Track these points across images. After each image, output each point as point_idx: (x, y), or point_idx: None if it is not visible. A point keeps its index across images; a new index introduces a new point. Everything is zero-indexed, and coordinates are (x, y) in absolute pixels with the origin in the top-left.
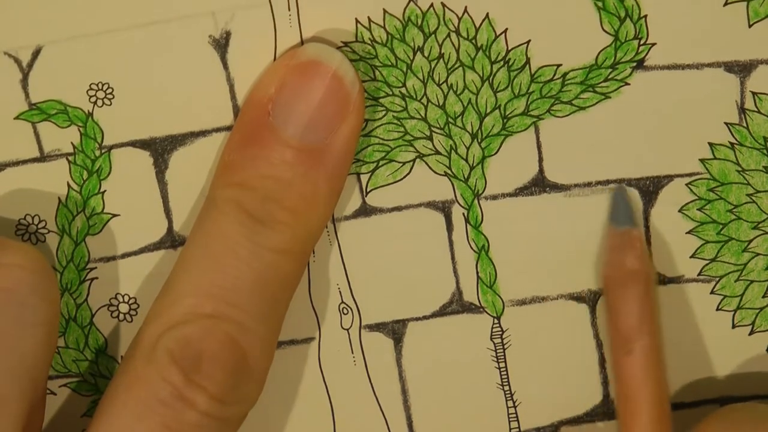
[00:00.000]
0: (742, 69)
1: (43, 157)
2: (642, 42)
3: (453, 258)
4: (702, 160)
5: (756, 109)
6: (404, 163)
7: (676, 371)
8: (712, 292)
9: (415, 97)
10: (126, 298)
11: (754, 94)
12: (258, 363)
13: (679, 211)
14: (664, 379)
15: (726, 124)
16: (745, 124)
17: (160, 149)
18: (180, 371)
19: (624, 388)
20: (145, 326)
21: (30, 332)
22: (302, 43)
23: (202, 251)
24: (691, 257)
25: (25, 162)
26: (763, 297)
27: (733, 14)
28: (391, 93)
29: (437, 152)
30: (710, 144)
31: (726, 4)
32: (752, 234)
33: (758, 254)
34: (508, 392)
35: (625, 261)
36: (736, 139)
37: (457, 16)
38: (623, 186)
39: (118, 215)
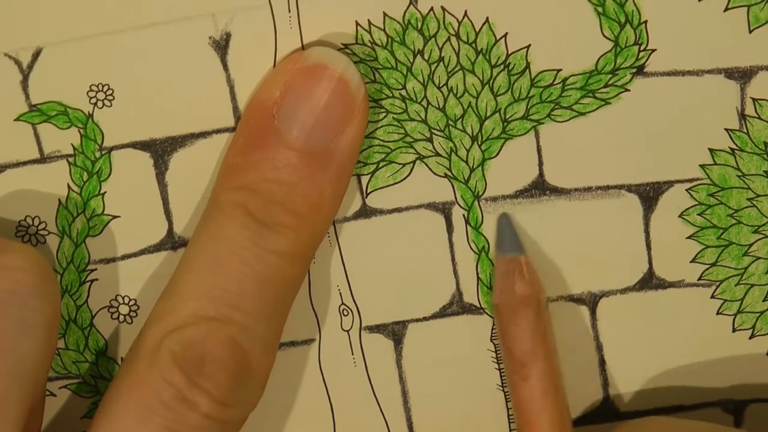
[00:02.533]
0: (743, 75)
1: (43, 159)
2: (642, 48)
3: (453, 259)
4: (702, 166)
5: (756, 115)
6: (404, 165)
7: (677, 375)
8: (712, 297)
9: (415, 99)
10: (126, 300)
11: (754, 100)
12: (260, 366)
13: (680, 216)
14: (563, 402)
15: (726, 130)
16: (745, 130)
17: (161, 151)
18: (183, 373)
19: (524, 414)
20: (147, 328)
21: (30, 334)
22: (302, 44)
23: (206, 254)
24: (691, 262)
25: (25, 163)
26: (764, 301)
27: (734, 20)
28: (391, 95)
29: (437, 154)
30: (710, 150)
31: (726, 9)
32: (753, 238)
33: (759, 258)
34: (509, 393)
35: (514, 287)
36: (736, 145)
37: (457, 20)
38: (506, 214)
39: (119, 217)
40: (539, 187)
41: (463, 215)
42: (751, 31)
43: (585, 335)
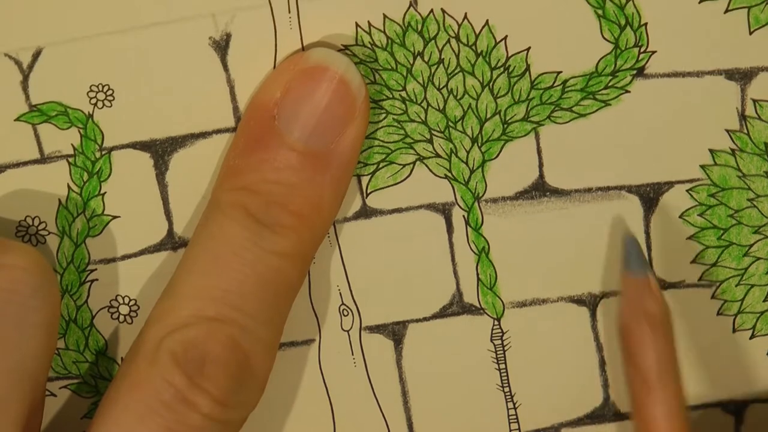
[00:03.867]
0: (743, 76)
1: (43, 159)
2: (642, 50)
3: (453, 260)
4: (702, 166)
5: (757, 116)
6: (404, 166)
7: None
8: (712, 297)
9: (415, 100)
10: (126, 300)
11: (754, 101)
12: (260, 366)
13: (680, 217)
14: (689, 425)
15: (727, 131)
16: (746, 131)
17: (161, 151)
18: (183, 374)
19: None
20: (148, 328)
21: (30, 333)
22: (303, 45)
23: (206, 254)
24: (691, 262)
25: (25, 164)
26: (764, 301)
27: (734, 21)
28: (391, 96)
29: (437, 155)
30: (711, 150)
31: (727, 11)
32: (753, 238)
33: (759, 258)
34: (509, 394)
35: (645, 307)
36: (736, 146)
37: (457, 22)
38: (633, 236)
39: (119, 217)
40: (539, 189)
41: (463, 216)
42: (751, 33)
43: (585, 336)
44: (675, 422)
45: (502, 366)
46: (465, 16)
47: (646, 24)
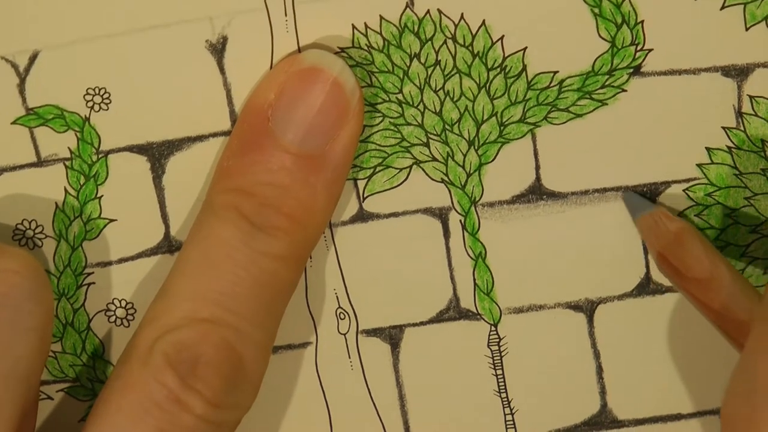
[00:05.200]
0: (740, 73)
1: (40, 162)
2: (639, 48)
3: (450, 265)
4: (699, 165)
5: (753, 113)
6: (401, 170)
7: (675, 382)
8: None
9: (411, 103)
10: (123, 303)
11: (751, 97)
12: (254, 368)
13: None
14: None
15: (723, 128)
16: (742, 128)
17: (157, 154)
18: (176, 375)
19: (732, 319)
20: (141, 330)
21: (23, 337)
22: (299, 48)
23: (200, 256)
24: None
25: (22, 167)
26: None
27: (730, 18)
28: (388, 99)
29: (434, 159)
30: (708, 149)
31: (723, 8)
32: (750, 238)
33: (756, 258)
34: (506, 399)
35: (668, 228)
36: (733, 143)
37: (454, 23)
38: (628, 191)
39: (115, 220)
40: (536, 192)
41: (460, 221)
42: (747, 29)
43: (583, 343)
44: (746, 298)
45: (499, 372)
46: (462, 17)
47: (642, 22)
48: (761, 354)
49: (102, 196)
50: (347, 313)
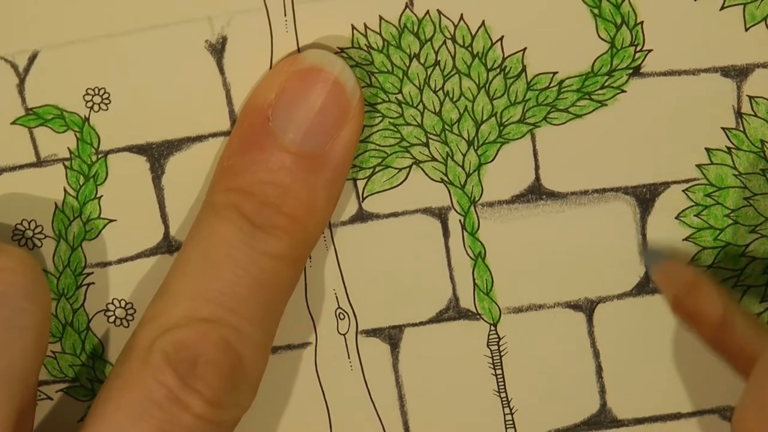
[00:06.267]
0: (739, 73)
1: (39, 162)
2: (638, 48)
3: (449, 264)
4: (699, 166)
5: (753, 113)
6: (401, 170)
7: (674, 382)
8: None
9: (411, 103)
10: (122, 303)
11: (750, 98)
12: (253, 368)
13: (676, 218)
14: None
15: (723, 128)
16: (742, 129)
17: (157, 154)
18: (175, 374)
19: (745, 357)
20: (141, 329)
21: (20, 336)
22: (298, 48)
23: (200, 255)
24: (688, 264)
25: (21, 167)
26: (761, 302)
27: (730, 18)
28: (387, 99)
29: (434, 159)
30: (707, 149)
31: (722, 8)
32: (750, 238)
33: (755, 258)
34: (505, 399)
35: (682, 275)
36: (733, 143)
37: (453, 23)
38: (645, 248)
39: (115, 220)
40: (536, 192)
41: (460, 221)
42: (747, 29)
43: (582, 342)
44: (761, 337)
45: (499, 371)
46: (461, 17)
47: (642, 22)
48: None
49: (101, 196)
50: (347, 313)
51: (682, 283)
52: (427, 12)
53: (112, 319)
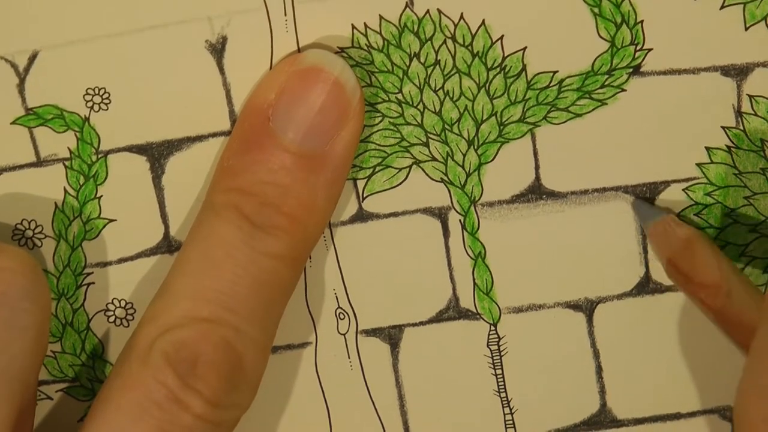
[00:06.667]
0: (739, 72)
1: (39, 162)
2: (638, 47)
3: (449, 264)
4: (699, 165)
5: (753, 112)
6: (401, 169)
7: (674, 382)
8: None
9: (411, 103)
10: (122, 303)
11: (750, 97)
12: (253, 368)
13: (676, 217)
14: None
15: (723, 127)
16: (742, 127)
17: (157, 154)
18: (175, 374)
19: (742, 327)
20: (141, 328)
21: (20, 335)
22: (299, 47)
23: (200, 255)
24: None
25: (21, 167)
26: None
27: (730, 17)
28: (387, 99)
29: (434, 158)
30: (707, 148)
31: (722, 7)
32: (750, 237)
33: (755, 258)
34: (505, 399)
35: (677, 234)
36: (733, 143)
37: (453, 22)
38: (637, 198)
39: (115, 220)
40: (536, 191)
41: (460, 220)
42: (746, 29)
43: (582, 342)
44: (759, 305)
45: (499, 371)
46: (461, 17)
47: (642, 21)
48: None
49: (101, 196)
50: (347, 313)
51: (676, 244)
52: (427, 11)
53: (112, 319)
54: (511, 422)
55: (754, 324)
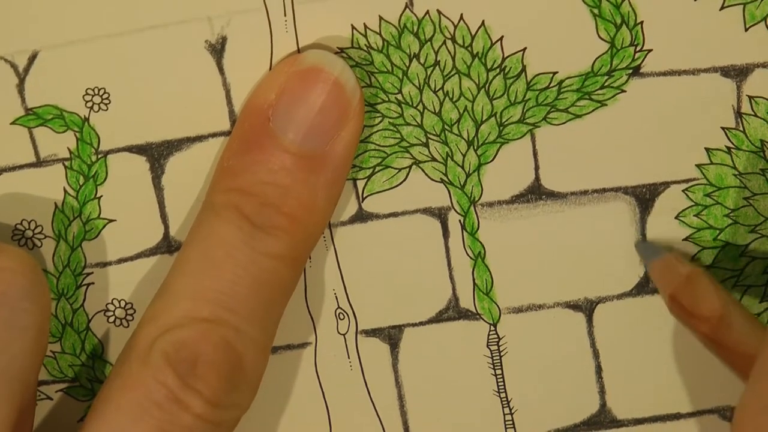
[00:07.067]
0: (739, 73)
1: (39, 163)
2: (638, 48)
3: (449, 265)
4: (698, 166)
5: (753, 113)
6: (400, 170)
7: (674, 382)
8: None
9: (411, 103)
10: (122, 303)
11: (750, 97)
12: (253, 368)
13: (676, 217)
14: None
15: (723, 128)
16: (741, 128)
17: (157, 154)
18: (175, 374)
19: (743, 356)
20: (141, 328)
21: (20, 335)
22: (298, 48)
23: (200, 255)
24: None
25: (21, 167)
26: (760, 302)
27: (730, 18)
28: (387, 99)
29: (433, 159)
30: (707, 149)
31: (722, 8)
32: (749, 237)
33: (755, 258)
34: (505, 399)
35: (679, 271)
36: (732, 143)
37: (453, 23)
38: (639, 240)
39: (115, 220)
40: (535, 192)
41: (459, 221)
42: (746, 29)
43: (582, 342)
44: (759, 333)
45: (499, 372)
46: (461, 17)
47: (641, 22)
48: None
49: (101, 196)
50: (346, 313)
51: (678, 280)
52: (427, 12)
53: (111, 319)
54: (510, 422)
55: (753, 352)
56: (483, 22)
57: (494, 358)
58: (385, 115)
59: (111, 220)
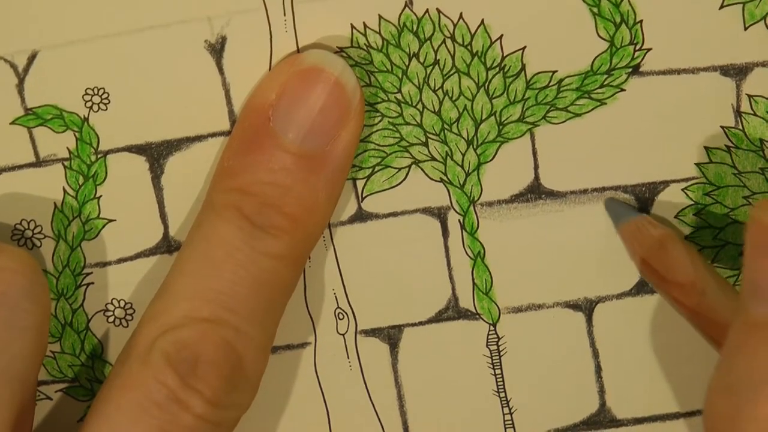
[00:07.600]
0: (738, 72)
1: (38, 162)
2: (638, 47)
3: (449, 264)
4: (698, 164)
5: (752, 112)
6: (400, 169)
7: (674, 381)
8: None
9: (410, 103)
10: (122, 303)
11: (750, 96)
12: (253, 368)
13: (675, 217)
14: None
15: (722, 127)
16: (741, 127)
17: (156, 154)
18: (175, 374)
19: (716, 325)
20: (141, 328)
21: (20, 335)
22: (298, 47)
23: (200, 255)
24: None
25: (20, 167)
26: None
27: (729, 17)
28: (386, 99)
29: (433, 158)
30: (706, 148)
31: (722, 7)
32: None
33: None
34: (504, 399)
35: (651, 234)
36: (732, 142)
37: (453, 22)
38: (610, 198)
39: (114, 220)
40: (535, 191)
41: (459, 220)
42: (746, 28)
43: (581, 342)
44: (731, 303)
45: (498, 371)
46: (460, 16)
47: (641, 21)
48: (740, 351)
49: (101, 196)
50: (346, 313)
51: (650, 243)
52: (427, 11)
53: (111, 319)
54: (510, 422)
55: (728, 322)
56: (482, 21)
57: (494, 357)
58: (385, 114)
59: (110, 220)
